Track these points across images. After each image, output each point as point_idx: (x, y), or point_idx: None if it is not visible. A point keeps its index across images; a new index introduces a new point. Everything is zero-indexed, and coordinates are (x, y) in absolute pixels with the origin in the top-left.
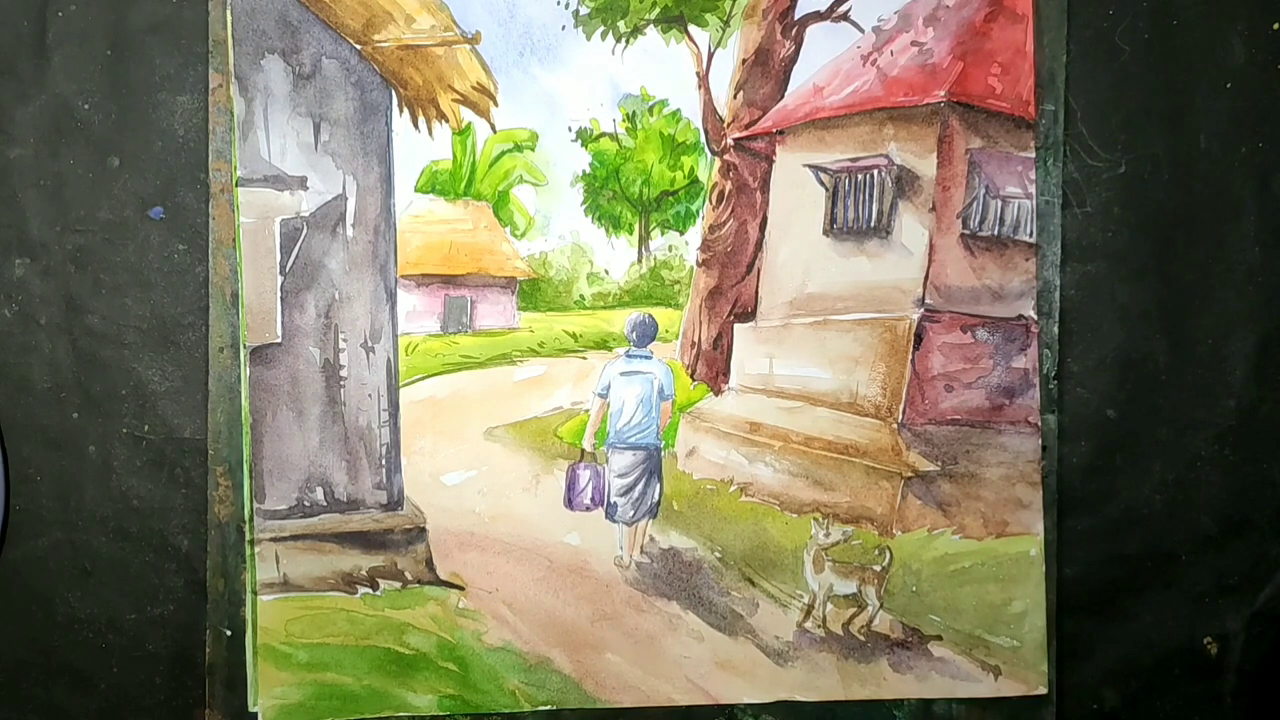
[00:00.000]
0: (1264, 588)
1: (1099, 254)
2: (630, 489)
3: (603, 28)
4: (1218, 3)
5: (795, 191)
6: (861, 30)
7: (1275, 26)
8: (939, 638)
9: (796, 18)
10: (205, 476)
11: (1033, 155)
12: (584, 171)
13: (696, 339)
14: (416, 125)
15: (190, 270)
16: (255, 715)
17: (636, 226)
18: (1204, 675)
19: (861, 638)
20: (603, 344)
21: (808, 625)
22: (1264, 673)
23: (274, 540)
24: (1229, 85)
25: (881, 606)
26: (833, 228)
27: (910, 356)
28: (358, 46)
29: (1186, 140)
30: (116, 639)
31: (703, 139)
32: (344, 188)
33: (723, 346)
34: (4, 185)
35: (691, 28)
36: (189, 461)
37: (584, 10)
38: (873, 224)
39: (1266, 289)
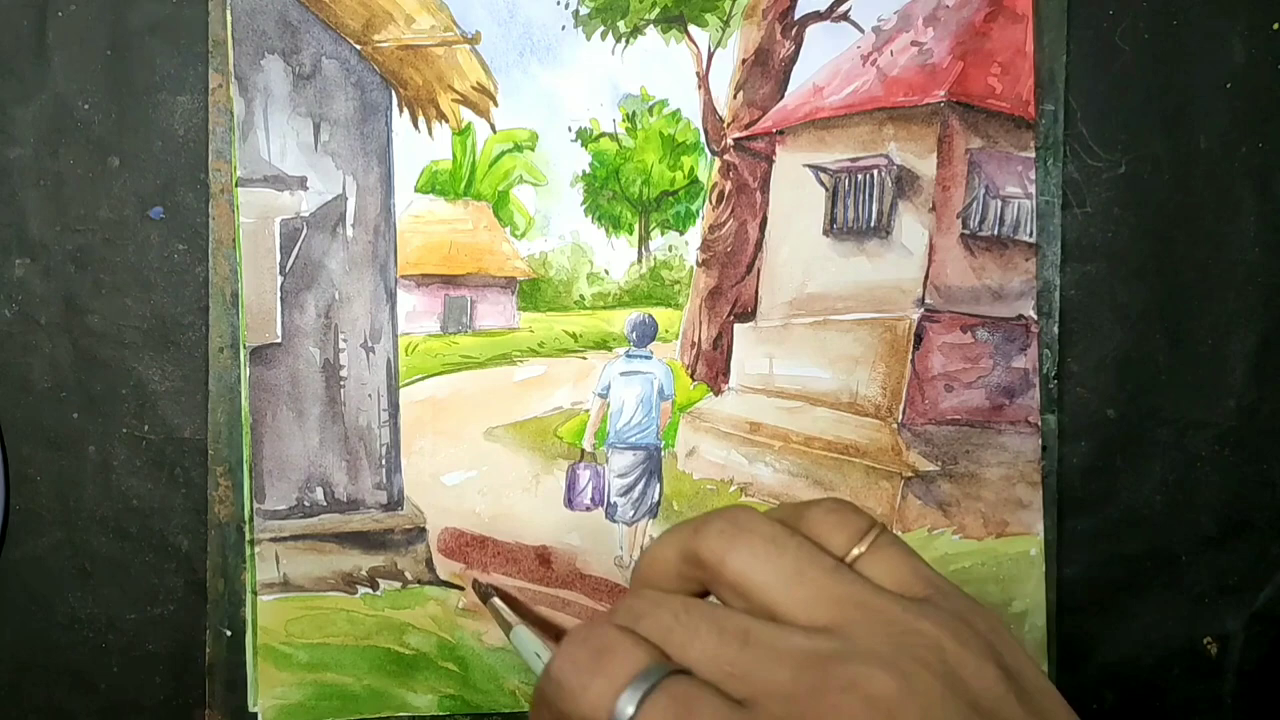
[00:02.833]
0: (1264, 588)
1: (1099, 254)
2: (630, 489)
3: (603, 28)
4: (1218, 3)
5: (795, 191)
6: (861, 30)
7: (1275, 26)
8: None
9: (796, 18)
10: (205, 477)
11: (1032, 155)
12: (584, 171)
13: (696, 339)
14: (416, 125)
15: (190, 270)
16: (255, 715)
17: (636, 226)
18: (1204, 675)
19: None
20: (603, 344)
21: None
22: (1264, 673)
23: (274, 540)
24: (1229, 85)
25: None
26: (833, 228)
27: (910, 356)
28: (357, 47)
29: (1186, 140)
30: (116, 639)
31: (702, 139)
32: (344, 188)
33: (723, 346)
34: (4, 185)
35: (691, 28)
36: (189, 461)
37: (584, 10)
38: (873, 224)
39: (1266, 289)
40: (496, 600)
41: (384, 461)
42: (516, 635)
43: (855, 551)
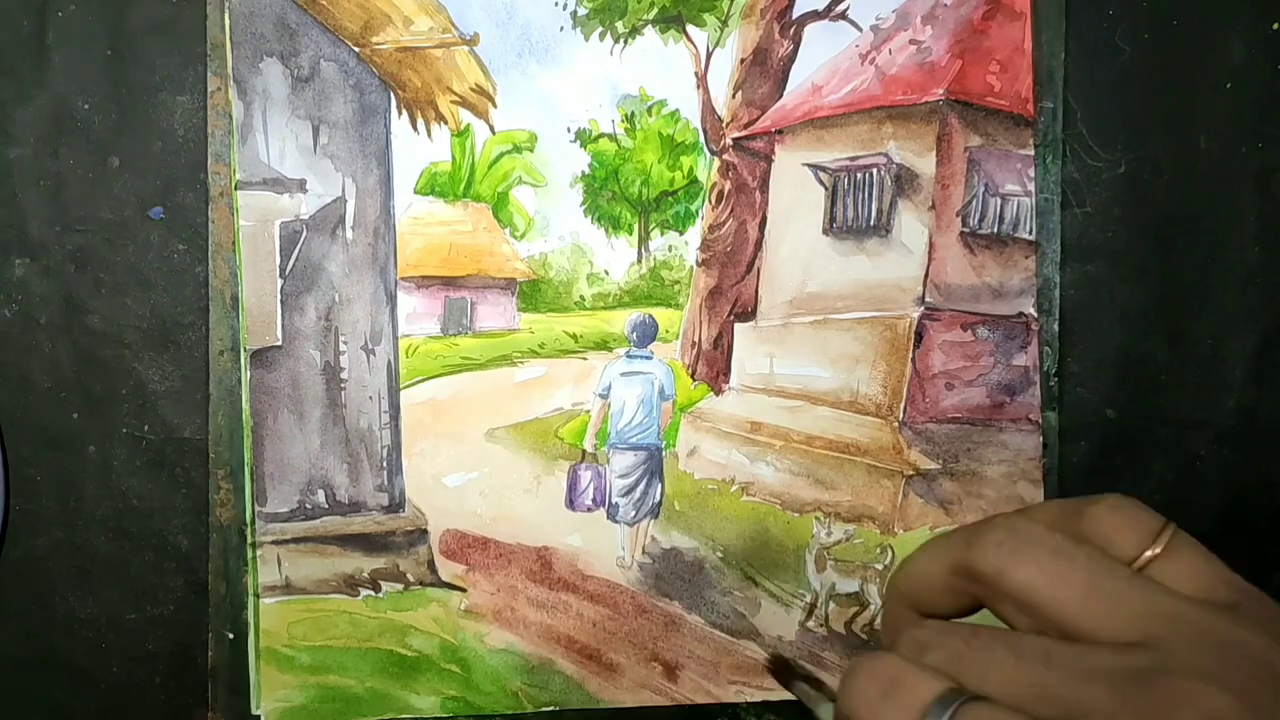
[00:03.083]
0: (1264, 588)
1: (1099, 254)
2: (632, 489)
3: (601, 28)
4: (1218, 3)
5: (794, 191)
6: (860, 29)
7: (1275, 26)
8: None
9: (794, 17)
10: (205, 476)
11: (1031, 153)
12: (583, 172)
13: (697, 339)
14: (415, 127)
15: (190, 270)
16: (258, 718)
17: (636, 227)
18: None
19: (864, 636)
20: (603, 345)
21: (810, 624)
22: None
23: (276, 543)
24: (1229, 85)
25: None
26: (832, 226)
27: (911, 355)
28: (356, 49)
29: (1186, 140)
30: (116, 639)
31: (701, 139)
32: (343, 190)
33: (723, 346)
34: (4, 185)
35: (689, 28)
36: (189, 461)
37: (582, 11)
38: (872, 222)
39: (1266, 289)
40: (802, 684)
41: (385, 463)
42: (825, 711)
43: (1148, 554)
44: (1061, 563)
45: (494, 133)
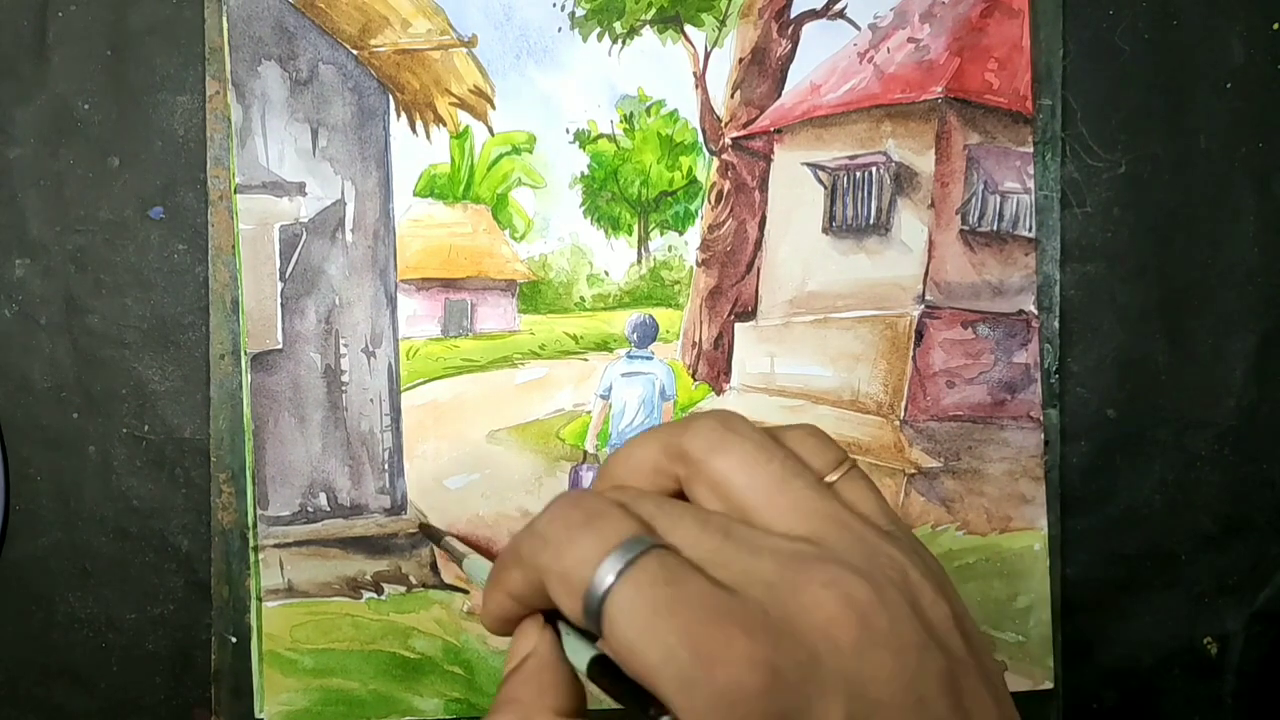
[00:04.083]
0: (1264, 588)
1: (1099, 254)
2: None
3: (599, 29)
4: (1218, 3)
5: (794, 190)
6: (858, 28)
7: (1275, 26)
8: None
9: (792, 16)
10: (206, 477)
11: (1030, 150)
12: (582, 173)
13: (697, 339)
14: (414, 129)
15: (190, 270)
16: None
17: (635, 227)
18: (1204, 675)
19: None
20: (603, 345)
21: None
22: (1264, 673)
23: (278, 546)
24: (1229, 85)
25: None
26: (832, 225)
27: (911, 353)
28: (354, 52)
29: (1186, 140)
30: (116, 639)
31: (700, 139)
32: (343, 193)
33: (724, 346)
34: (4, 185)
35: (687, 28)
36: (189, 461)
37: (580, 12)
38: (872, 221)
39: (1266, 289)
40: (450, 539)
41: (387, 466)
42: (470, 564)
43: (829, 478)
44: (761, 456)
45: (493, 134)
